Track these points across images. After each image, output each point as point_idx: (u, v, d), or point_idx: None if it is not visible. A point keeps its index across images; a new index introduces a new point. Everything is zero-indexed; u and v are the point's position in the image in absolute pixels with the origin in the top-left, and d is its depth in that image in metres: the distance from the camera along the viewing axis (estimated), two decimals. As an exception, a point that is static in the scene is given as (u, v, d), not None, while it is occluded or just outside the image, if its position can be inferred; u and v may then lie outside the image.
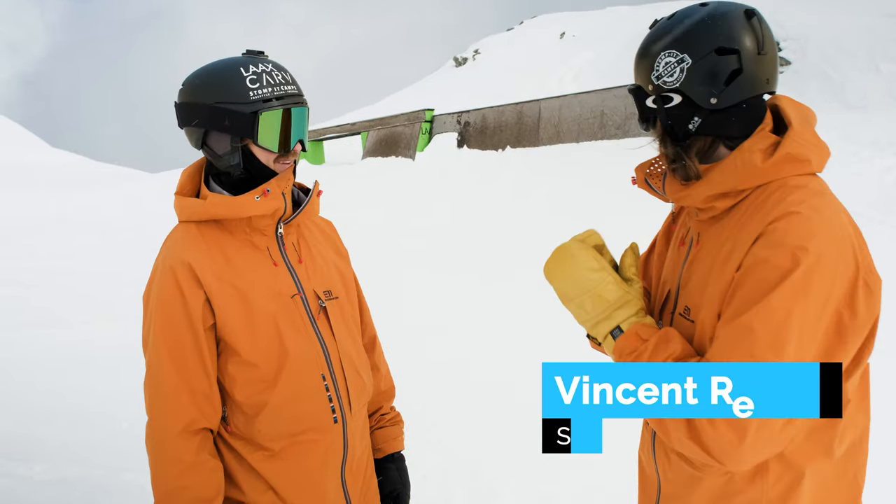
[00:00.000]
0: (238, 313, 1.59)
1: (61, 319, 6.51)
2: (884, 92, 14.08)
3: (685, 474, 1.37)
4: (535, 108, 13.39)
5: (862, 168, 8.93)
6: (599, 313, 1.34)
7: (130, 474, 3.49)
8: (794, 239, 1.15)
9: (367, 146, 16.17)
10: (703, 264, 1.34)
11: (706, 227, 1.36)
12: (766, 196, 1.24)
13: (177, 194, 1.68)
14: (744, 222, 1.25)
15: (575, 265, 1.35)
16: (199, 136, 1.61)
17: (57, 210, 12.82)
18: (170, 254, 1.61)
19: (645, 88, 1.33)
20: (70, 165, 24.97)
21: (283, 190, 1.61)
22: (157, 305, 1.59)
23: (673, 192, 1.37)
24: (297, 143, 1.62)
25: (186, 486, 1.55)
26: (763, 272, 1.16)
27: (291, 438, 1.63)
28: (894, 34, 15.95)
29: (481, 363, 4.99)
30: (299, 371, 1.62)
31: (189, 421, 1.56)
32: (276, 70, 1.60)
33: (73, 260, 9.12)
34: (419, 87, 25.96)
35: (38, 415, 4.22)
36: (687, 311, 1.34)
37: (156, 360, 1.58)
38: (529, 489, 3.40)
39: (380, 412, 1.95)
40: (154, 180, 17.62)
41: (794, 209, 1.18)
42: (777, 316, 1.13)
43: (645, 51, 1.33)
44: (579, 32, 23.49)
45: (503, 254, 8.22)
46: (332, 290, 1.74)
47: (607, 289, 1.34)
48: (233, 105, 1.54)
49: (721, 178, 1.28)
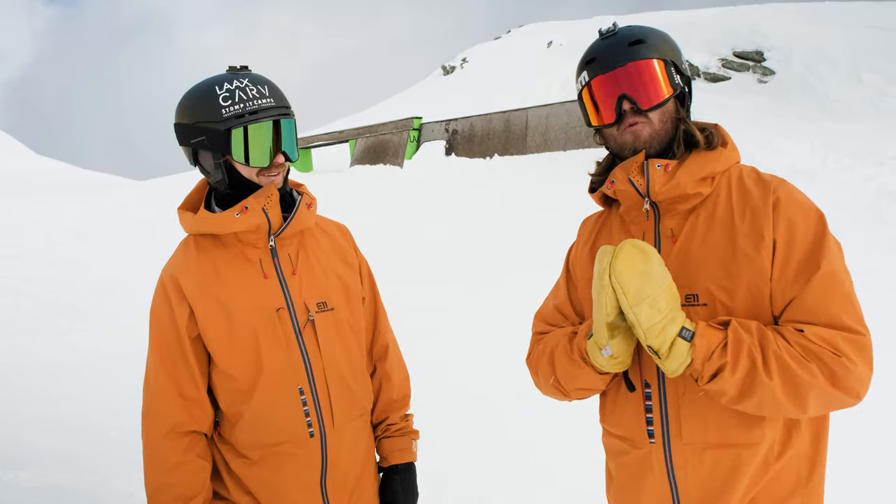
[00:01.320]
0: (219, 325, 1.65)
1: (47, 328, 6.47)
2: (866, 102, 14.27)
3: (723, 469, 1.40)
4: (523, 117, 13.46)
5: (844, 177, 9.04)
6: (671, 310, 1.33)
7: (119, 482, 3.47)
8: (802, 200, 1.41)
9: (355, 154, 16.17)
10: (705, 252, 1.43)
11: (680, 221, 1.48)
12: (736, 179, 1.47)
13: (179, 208, 1.74)
14: (737, 201, 1.43)
15: (651, 262, 1.34)
16: (189, 154, 1.68)
17: (41, 218, 12.72)
18: (165, 268, 1.71)
19: (679, 65, 1.51)
20: (55, 173, 24.77)
21: (263, 205, 1.63)
22: (151, 316, 1.70)
23: (661, 185, 1.45)
24: (277, 155, 1.63)
25: (171, 484, 1.64)
26: (806, 232, 1.37)
27: (267, 449, 1.68)
28: (877, 45, 16.18)
29: (469, 369, 5.01)
30: (274, 385, 1.66)
31: (176, 423, 1.65)
32: (253, 84, 1.61)
33: (58, 268, 9.05)
34: (407, 95, 26.01)
35: (25, 422, 4.19)
36: (693, 298, 1.42)
37: (150, 365, 1.68)
38: (518, 493, 3.41)
39: (386, 422, 1.93)
40: (140, 188, 17.52)
41: (779, 180, 1.44)
42: (837, 259, 1.36)
43: (663, 36, 1.53)
44: (566, 41, 23.64)
45: (491, 261, 8.25)
46: (329, 300, 1.75)
47: (674, 284, 1.36)
48: (209, 123, 1.59)
49: (705, 163, 1.46)
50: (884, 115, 13.59)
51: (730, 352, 1.29)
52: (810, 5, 21.13)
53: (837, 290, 1.33)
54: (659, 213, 1.50)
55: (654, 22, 23.41)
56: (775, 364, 1.27)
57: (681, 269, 1.44)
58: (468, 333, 5.83)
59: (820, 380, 1.27)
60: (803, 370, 1.27)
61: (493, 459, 3.74)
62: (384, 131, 15.65)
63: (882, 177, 8.83)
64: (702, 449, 1.41)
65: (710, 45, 18.80)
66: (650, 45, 1.48)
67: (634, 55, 1.47)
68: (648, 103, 1.46)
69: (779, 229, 1.37)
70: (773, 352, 1.28)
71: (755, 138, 10.90)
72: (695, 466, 1.42)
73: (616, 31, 1.52)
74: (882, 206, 8.27)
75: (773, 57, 17.34)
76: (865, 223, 7.95)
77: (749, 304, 1.38)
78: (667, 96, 1.47)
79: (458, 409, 4.38)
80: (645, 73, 1.46)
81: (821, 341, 1.28)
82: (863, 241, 7.53)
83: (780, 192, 1.41)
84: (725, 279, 1.39)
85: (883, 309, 6.17)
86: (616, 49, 1.48)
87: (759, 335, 1.31)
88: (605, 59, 1.49)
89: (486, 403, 4.46)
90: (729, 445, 1.40)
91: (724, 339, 1.30)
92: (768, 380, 1.27)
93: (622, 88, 1.46)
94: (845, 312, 1.31)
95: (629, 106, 1.47)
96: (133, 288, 7.85)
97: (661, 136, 1.49)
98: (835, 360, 1.27)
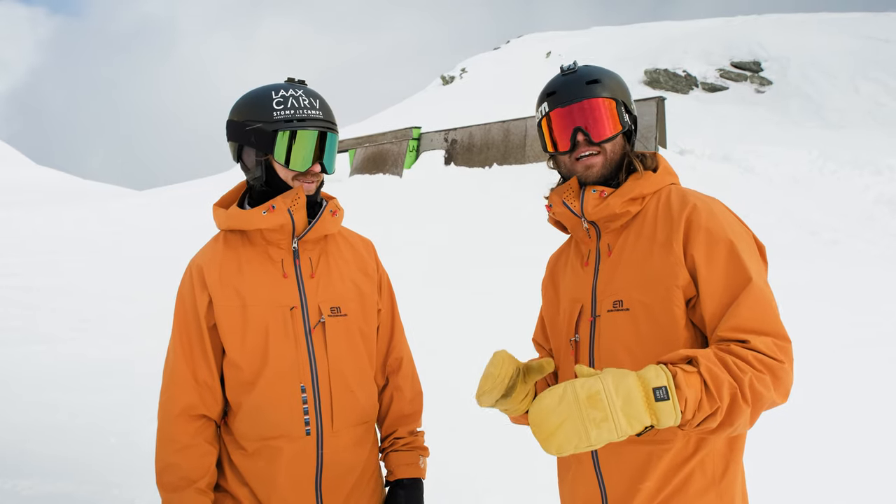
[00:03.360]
0: (233, 316, 1.73)
1: (48, 336, 6.47)
2: (863, 112, 14.34)
3: (638, 461, 1.54)
4: (522, 126, 13.52)
5: (841, 186, 9.09)
6: (618, 406, 1.23)
7: (117, 490, 3.48)
8: (721, 214, 1.53)
9: (354, 163, 16.22)
10: (630, 261, 1.58)
11: (615, 237, 1.64)
12: (664, 198, 1.60)
13: (214, 205, 1.85)
14: (661, 217, 1.57)
15: (562, 419, 1.25)
16: (235, 150, 1.80)
17: (41, 228, 12.73)
18: (194, 258, 1.81)
19: (629, 105, 1.69)
20: (54, 183, 24.83)
21: (289, 206, 1.72)
22: (177, 301, 1.80)
23: (594, 206, 1.62)
24: (315, 164, 1.73)
25: (177, 464, 1.71)
26: (727, 245, 1.47)
27: (263, 442, 1.73)
28: (873, 56, 16.28)
29: (467, 378, 5.01)
30: (277, 380, 1.72)
31: (188, 405, 1.72)
32: (306, 96, 1.74)
33: (58, 277, 9.06)
34: (407, 104, 26.12)
35: (26, 430, 4.19)
36: (619, 304, 1.57)
37: (171, 347, 1.77)
38: (516, 502, 3.42)
39: (394, 435, 1.94)
40: (140, 198, 17.56)
41: (704, 199, 1.57)
42: (762, 270, 1.49)
43: (616, 78, 1.70)
44: (565, 51, 23.77)
45: (492, 269, 8.27)
46: (343, 306, 1.80)
47: (601, 399, 1.23)
48: (259, 123, 1.72)
49: (634, 186, 1.62)
50: (881, 124, 13.65)
51: (714, 394, 1.29)
52: (807, 16, 21.26)
53: (768, 301, 1.43)
54: (599, 231, 1.67)
55: (653, 33, 23.55)
56: (750, 393, 1.32)
57: (611, 279, 1.60)
58: (469, 342, 5.84)
59: (771, 391, 1.34)
60: (764, 387, 1.33)
61: (494, 469, 3.75)
62: (384, 141, 15.71)
63: (879, 185, 8.88)
64: (620, 444, 1.46)
65: (708, 56, 18.92)
66: (605, 85, 1.66)
67: (590, 93, 1.64)
68: (599, 137, 1.63)
69: (696, 244, 1.49)
70: (748, 382, 1.31)
71: (753, 148, 10.95)
72: (616, 459, 1.57)
73: (576, 70, 1.70)
74: (879, 215, 8.30)
75: (770, 67, 17.44)
76: (863, 231, 7.98)
77: (663, 305, 1.51)
78: (615, 132, 1.64)
79: (456, 418, 4.39)
80: (598, 110, 1.63)
81: (767, 350, 1.35)
82: (860, 250, 7.56)
83: (697, 207, 1.53)
84: (643, 284, 1.54)
85: (882, 315, 6.20)
86: (574, 86, 1.66)
87: (725, 365, 1.33)
88: (564, 94, 1.66)
89: (485, 412, 4.47)
90: (644, 441, 1.51)
91: (703, 381, 1.30)
92: (746, 407, 1.32)
93: (577, 122, 1.64)
94: (776, 322, 1.41)
95: (583, 137, 1.63)
96: (132, 296, 7.86)
97: (609, 165, 1.66)
98: (779, 367, 1.36)
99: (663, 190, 1.64)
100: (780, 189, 9.43)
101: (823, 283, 6.76)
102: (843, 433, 4.10)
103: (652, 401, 1.24)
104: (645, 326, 1.52)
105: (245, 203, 1.83)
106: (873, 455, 3.83)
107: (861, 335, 5.70)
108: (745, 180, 9.90)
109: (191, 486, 1.69)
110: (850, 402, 4.51)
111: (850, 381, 4.81)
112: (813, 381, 4.62)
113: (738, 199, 8.30)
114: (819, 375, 4.76)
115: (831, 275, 6.97)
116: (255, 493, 1.74)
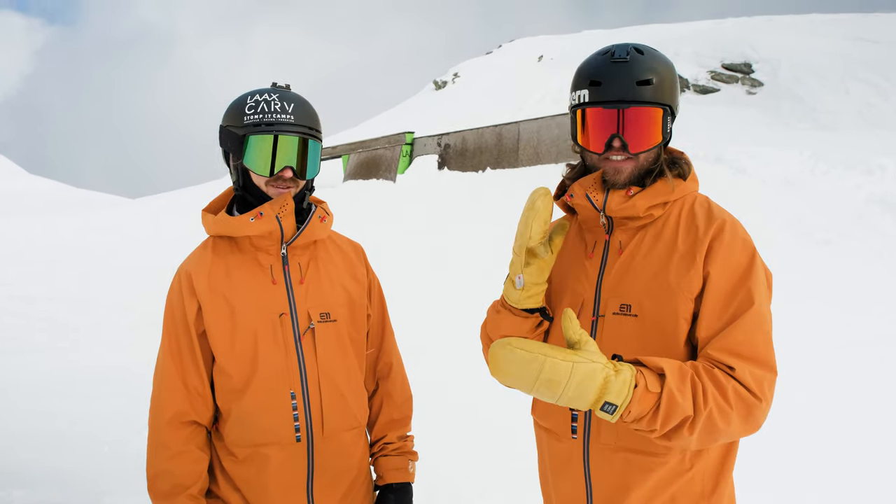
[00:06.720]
0: (222, 322, 1.72)
1: (41, 345, 6.45)
2: (853, 113, 14.41)
3: (630, 471, 1.49)
4: (515, 130, 13.54)
5: (832, 187, 9.11)
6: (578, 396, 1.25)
7: (110, 498, 3.46)
8: (743, 237, 1.49)
9: (347, 169, 16.21)
10: (644, 266, 1.52)
11: (629, 236, 1.57)
12: (688, 207, 1.55)
13: (203, 210, 1.83)
14: (683, 226, 1.52)
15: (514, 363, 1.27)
16: (223, 154, 1.80)
17: (34, 237, 12.69)
18: (182, 263, 1.80)
19: (675, 108, 1.54)
20: (48, 192, 24.74)
21: (277, 213, 1.71)
22: (165, 307, 1.79)
23: (618, 204, 1.53)
24: (285, 169, 1.70)
25: (169, 471, 1.70)
26: (740, 268, 1.45)
27: (253, 448, 1.73)
28: (864, 57, 16.36)
29: (459, 383, 5.01)
30: (266, 386, 1.71)
31: (178, 412, 1.72)
32: (280, 100, 1.71)
33: (51, 286, 9.03)
34: (399, 110, 26.13)
35: (20, 439, 4.17)
36: (626, 308, 1.51)
37: (161, 354, 1.76)
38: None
39: (383, 440, 1.95)
40: (134, 206, 17.51)
41: (726, 216, 1.52)
42: (766, 299, 1.46)
43: (670, 77, 1.53)
44: (557, 55, 23.82)
45: (484, 273, 8.26)
46: (332, 312, 1.80)
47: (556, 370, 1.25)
48: (232, 128, 1.71)
49: (663, 190, 1.53)
50: (871, 124, 13.72)
51: (660, 419, 1.29)
52: (797, 18, 21.35)
53: (765, 328, 1.42)
54: (612, 225, 1.58)
55: (644, 36, 23.61)
56: (702, 425, 1.30)
57: (621, 280, 1.54)
58: (459, 347, 5.84)
59: (735, 425, 1.34)
60: (724, 422, 1.32)
61: (484, 472, 3.74)
62: (377, 146, 15.70)
63: (871, 185, 8.91)
64: (614, 450, 1.50)
65: (699, 58, 18.98)
66: (656, 88, 1.48)
67: (639, 98, 1.47)
68: (637, 148, 1.49)
69: (715, 261, 1.45)
70: (706, 415, 1.30)
71: (745, 149, 10.98)
72: (608, 465, 1.52)
73: (627, 59, 1.49)
74: (871, 214, 8.33)
75: (761, 69, 17.51)
76: (854, 232, 8.01)
77: (673, 316, 1.46)
78: (656, 144, 1.51)
79: (450, 424, 4.38)
80: (643, 119, 1.48)
81: (749, 384, 1.34)
82: (852, 250, 7.59)
83: (724, 226, 1.49)
84: (657, 292, 1.48)
85: (874, 317, 6.22)
86: (623, 83, 1.48)
87: (692, 391, 1.31)
88: (609, 90, 1.48)
89: (479, 416, 4.46)
90: (639, 451, 1.49)
91: (656, 403, 1.28)
92: (689, 435, 1.31)
93: (617, 129, 1.48)
94: (769, 351, 1.40)
95: (619, 144, 1.49)
96: (126, 305, 7.84)
97: (639, 171, 1.54)
98: (755, 405, 1.35)
99: (687, 197, 1.58)
100: (772, 189, 9.45)
101: (815, 282, 6.78)
102: (836, 433, 4.11)
103: (597, 408, 1.27)
104: (651, 335, 1.48)
105: (234, 209, 1.82)
106: (866, 455, 3.84)
107: (853, 335, 5.72)
108: (737, 181, 9.91)
109: (183, 493, 1.69)
110: (842, 402, 4.52)
111: (842, 381, 4.82)
112: (805, 381, 4.64)
113: (730, 200, 8.26)
114: (811, 375, 4.78)
115: (823, 274, 6.99)
116: (247, 499, 1.74)
